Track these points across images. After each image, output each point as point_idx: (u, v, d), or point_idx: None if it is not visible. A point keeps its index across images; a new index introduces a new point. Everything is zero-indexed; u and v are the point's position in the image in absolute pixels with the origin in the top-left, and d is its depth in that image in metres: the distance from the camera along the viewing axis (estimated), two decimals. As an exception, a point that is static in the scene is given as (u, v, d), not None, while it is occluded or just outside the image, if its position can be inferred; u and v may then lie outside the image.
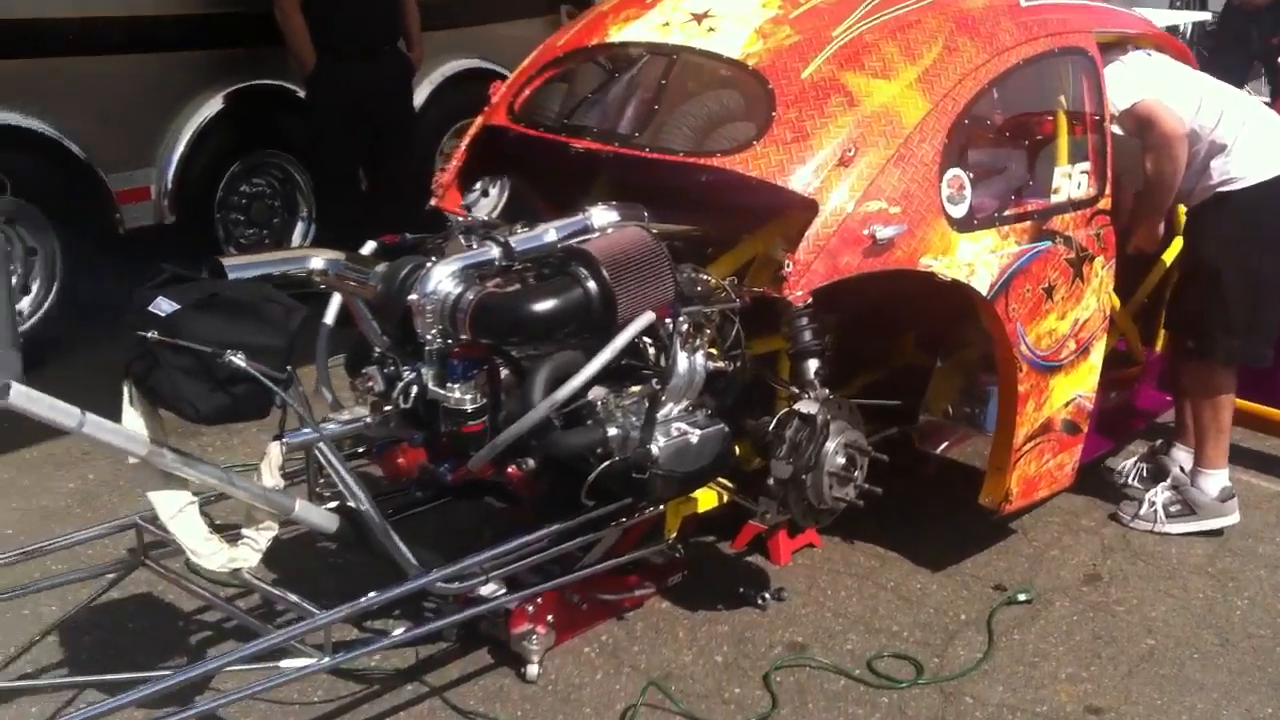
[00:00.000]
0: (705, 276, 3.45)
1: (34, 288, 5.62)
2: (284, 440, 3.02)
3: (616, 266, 3.20)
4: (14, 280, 5.40)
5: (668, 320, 3.31)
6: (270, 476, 3.02)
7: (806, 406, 3.42)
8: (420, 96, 6.74)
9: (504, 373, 3.27)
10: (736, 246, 3.70)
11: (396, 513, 3.56)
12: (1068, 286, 3.88)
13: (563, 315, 3.15)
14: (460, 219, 3.80)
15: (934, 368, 4.19)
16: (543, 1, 7.65)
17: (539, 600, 3.46)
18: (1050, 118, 3.89)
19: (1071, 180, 3.93)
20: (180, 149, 5.95)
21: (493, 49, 7.23)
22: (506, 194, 6.75)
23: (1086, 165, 3.98)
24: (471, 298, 3.13)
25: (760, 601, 3.84)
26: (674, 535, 3.66)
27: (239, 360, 2.74)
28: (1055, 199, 3.90)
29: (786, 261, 3.32)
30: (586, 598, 3.63)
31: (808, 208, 3.39)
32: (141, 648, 3.52)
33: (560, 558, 3.44)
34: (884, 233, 3.38)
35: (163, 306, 2.80)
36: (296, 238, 6.53)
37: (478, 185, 4.28)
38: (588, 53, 4.04)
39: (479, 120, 4.14)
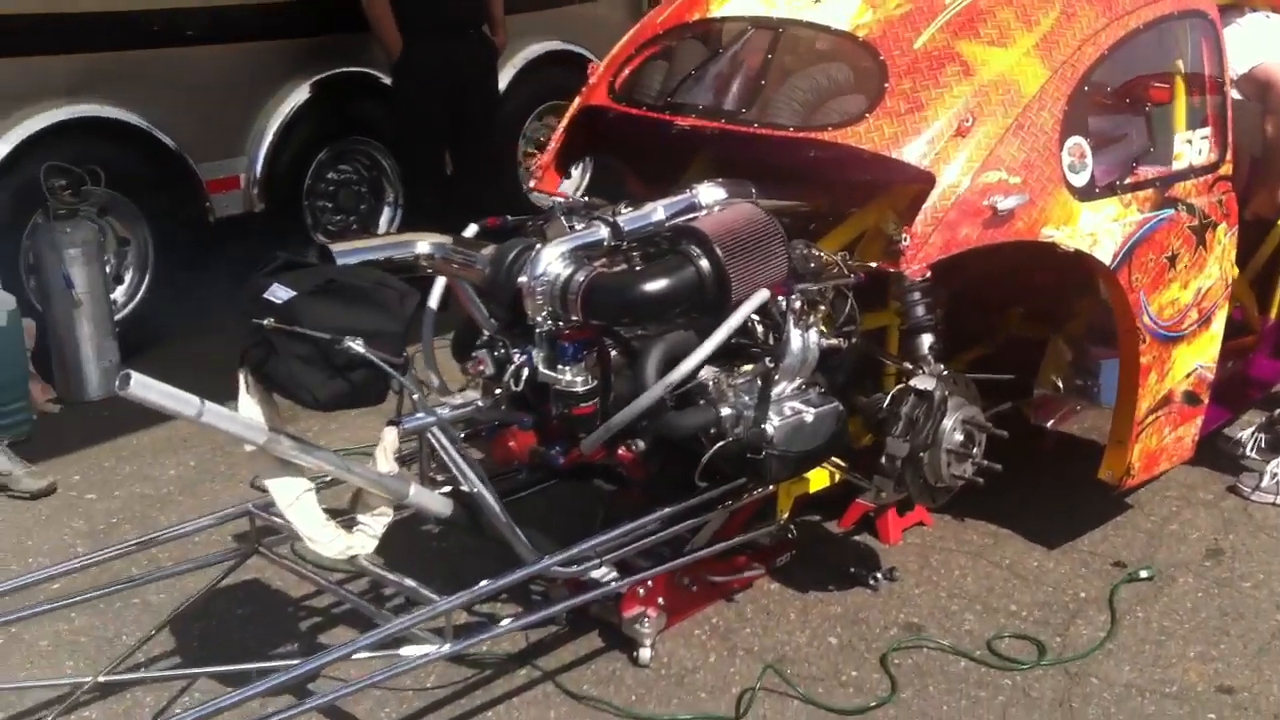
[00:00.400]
0: (818, 252, 3.37)
1: (127, 277, 5.70)
2: (400, 425, 2.99)
3: (729, 244, 3.14)
4: (108, 270, 5.46)
5: (781, 298, 3.25)
6: (386, 462, 3.00)
7: (923, 382, 3.35)
8: (503, 80, 6.73)
9: (615, 354, 3.22)
10: (846, 221, 3.61)
11: (505, 495, 3.48)
12: (1190, 255, 3.76)
13: (675, 295, 3.10)
14: (561, 200, 3.73)
15: (1046, 340, 4.08)
16: (625, -18, 7.60)
17: (649, 583, 3.43)
18: (1170, 82, 3.75)
19: (1193, 146, 3.80)
20: (269, 138, 6.00)
21: (574, 31, 7.20)
22: (589, 174, 6.71)
23: (1207, 130, 3.86)
24: (582, 279, 3.08)
25: (872, 582, 3.78)
26: (786, 516, 3.61)
27: (357, 346, 2.71)
28: (1177, 166, 3.78)
29: (903, 235, 3.24)
30: (696, 579, 3.58)
31: (923, 180, 3.31)
32: (255, 636, 3.53)
33: (670, 540, 3.39)
34: (1005, 203, 3.28)
35: (278, 294, 2.77)
36: (383, 224, 6.55)
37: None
38: (689, 29, 3.97)
39: (577, 101, 4.07)
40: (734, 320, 3.13)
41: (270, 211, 6.05)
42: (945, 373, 3.45)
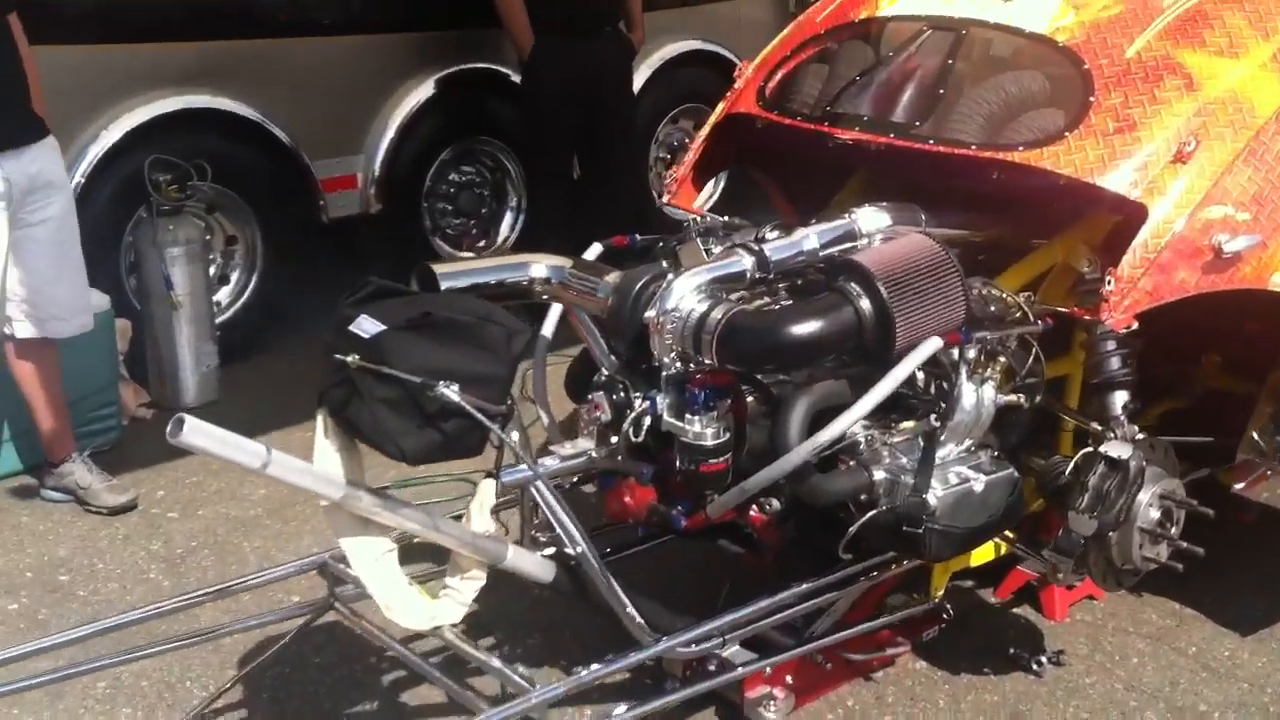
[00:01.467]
0: (999, 293, 2.90)
1: (233, 278, 5.46)
2: (499, 479, 2.58)
3: (895, 282, 2.69)
4: (213, 270, 5.24)
5: (954, 346, 2.79)
6: (481, 519, 2.59)
7: (1116, 449, 2.89)
8: (637, 80, 6.40)
9: (752, 404, 2.82)
10: (1028, 256, 3.15)
11: (614, 551, 3.17)
12: None
13: (829, 340, 2.67)
14: (698, 219, 3.31)
15: (1248, 395, 3.53)
16: (770, -21, 7.22)
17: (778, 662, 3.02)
18: None
19: None
20: (389, 136, 5.75)
21: (714, 29, 6.88)
22: (721, 187, 6.27)
23: None
24: (720, 317, 2.67)
25: (1035, 666, 3.31)
26: (940, 593, 3.20)
27: (452, 394, 2.29)
28: None
29: (1107, 278, 2.77)
30: (831, 655, 3.17)
31: (1131, 212, 2.85)
32: (329, 696, 3.17)
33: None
34: (1231, 244, 2.82)
35: (365, 327, 2.38)
36: (504, 228, 6.29)
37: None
38: (853, 29, 3.53)
39: (721, 107, 3.67)
40: (899, 373, 2.69)
41: (387, 213, 5.81)
42: (1141, 437, 3.01)
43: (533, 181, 6.15)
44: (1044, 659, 3.32)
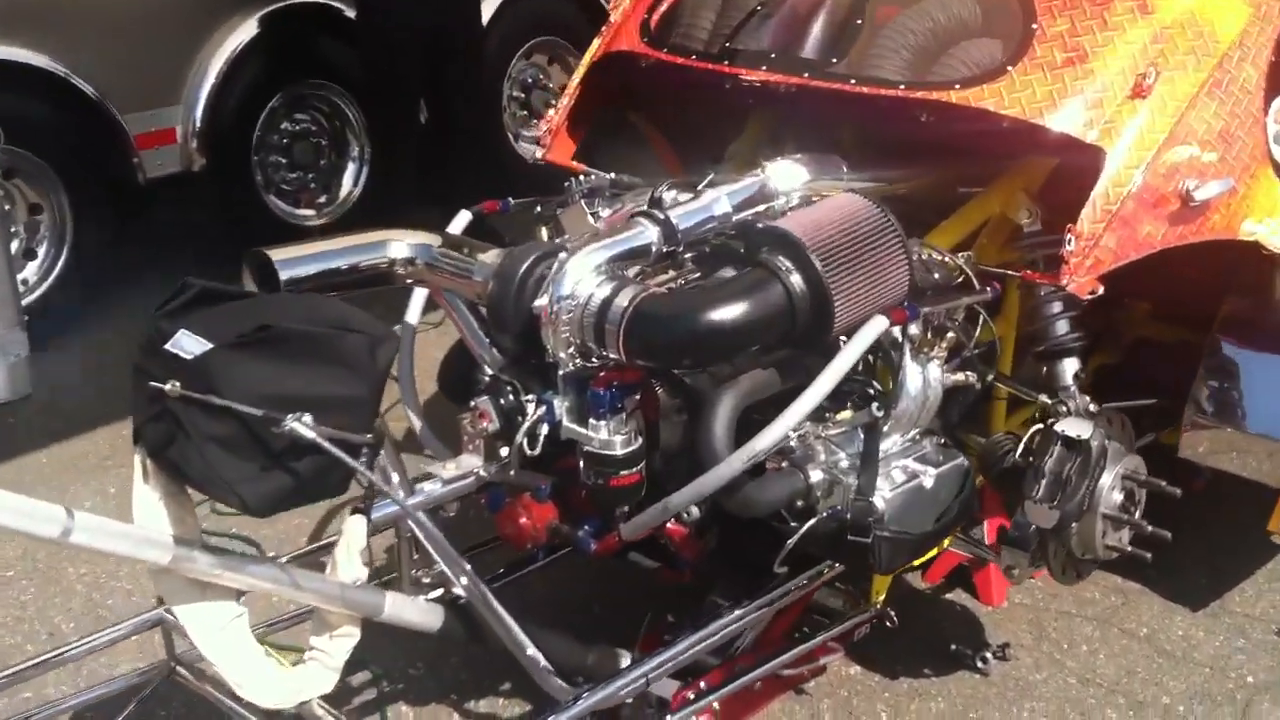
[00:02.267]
0: (940, 257, 2.54)
1: (40, 252, 4.97)
2: (368, 514, 2.13)
3: (829, 252, 2.30)
4: (15, 245, 4.71)
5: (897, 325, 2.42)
6: (351, 566, 2.13)
7: (1075, 427, 2.56)
8: (486, 10, 5.92)
9: (664, 397, 2.41)
10: (960, 209, 2.80)
11: (508, 571, 2.79)
12: None
13: (756, 327, 2.27)
14: (580, 178, 2.86)
15: (1180, 344, 3.26)
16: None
17: (702, 684, 2.65)
18: None
19: None
20: (210, 82, 5.25)
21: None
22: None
23: None
24: (625, 304, 2.25)
25: (980, 664, 3.04)
26: (882, 597, 2.87)
27: (304, 427, 1.81)
28: None
29: (1068, 237, 2.42)
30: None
31: (1085, 157, 2.50)
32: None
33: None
34: (1202, 191, 2.50)
35: (186, 345, 1.88)
36: (348, 182, 5.79)
37: None
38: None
39: (597, 44, 3.22)
40: (842, 362, 2.31)
41: (213, 169, 5.31)
42: (1094, 409, 2.71)
43: (376, 129, 5.70)
44: (989, 655, 3.06)
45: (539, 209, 2.81)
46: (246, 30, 5.28)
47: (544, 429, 2.35)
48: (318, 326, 1.96)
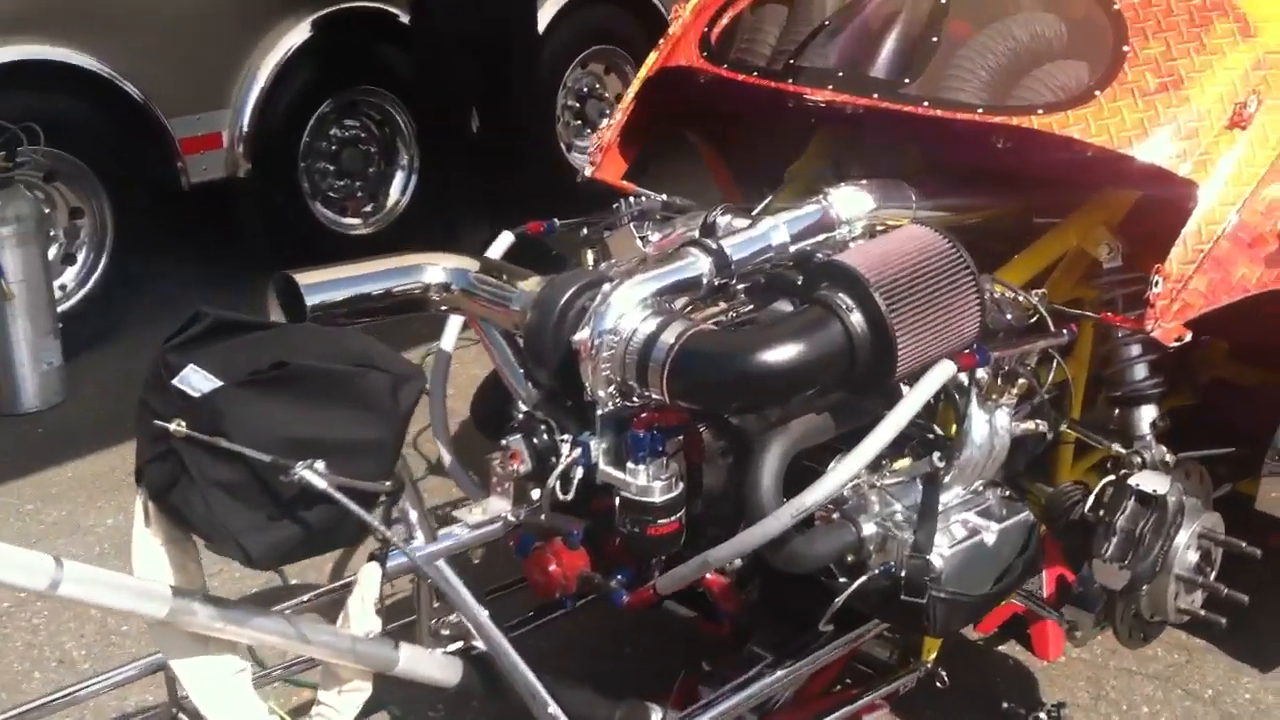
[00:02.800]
0: (1012, 295, 2.36)
1: (80, 257, 4.90)
2: (383, 562, 1.98)
3: (895, 289, 2.13)
4: (54, 250, 4.65)
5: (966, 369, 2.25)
6: (363, 618, 1.98)
7: (1151, 482, 2.39)
8: (542, 19, 5.84)
9: (711, 445, 2.26)
10: (1035, 242, 2.61)
11: (536, 615, 2.65)
12: None
13: (812, 368, 2.10)
14: (630, 199, 2.72)
15: (1260, 389, 3.07)
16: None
17: None
18: None
19: None
20: (259, 87, 5.18)
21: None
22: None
23: None
24: (672, 340, 2.09)
25: None
26: (934, 656, 2.67)
27: (316, 476, 1.67)
28: None
29: (1155, 279, 2.25)
30: None
31: (1176, 191, 2.32)
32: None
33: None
34: None
35: (195, 382, 1.75)
36: (395, 191, 5.70)
37: None
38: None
39: (654, 58, 3.06)
40: (904, 411, 2.14)
41: (259, 176, 5.24)
42: (1170, 459, 2.54)
43: (426, 136, 5.61)
44: (1043, 714, 2.84)
45: (585, 231, 2.67)
46: (299, 34, 5.23)
47: (579, 472, 2.20)
48: (337, 364, 1.82)
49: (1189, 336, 2.28)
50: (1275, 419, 2.88)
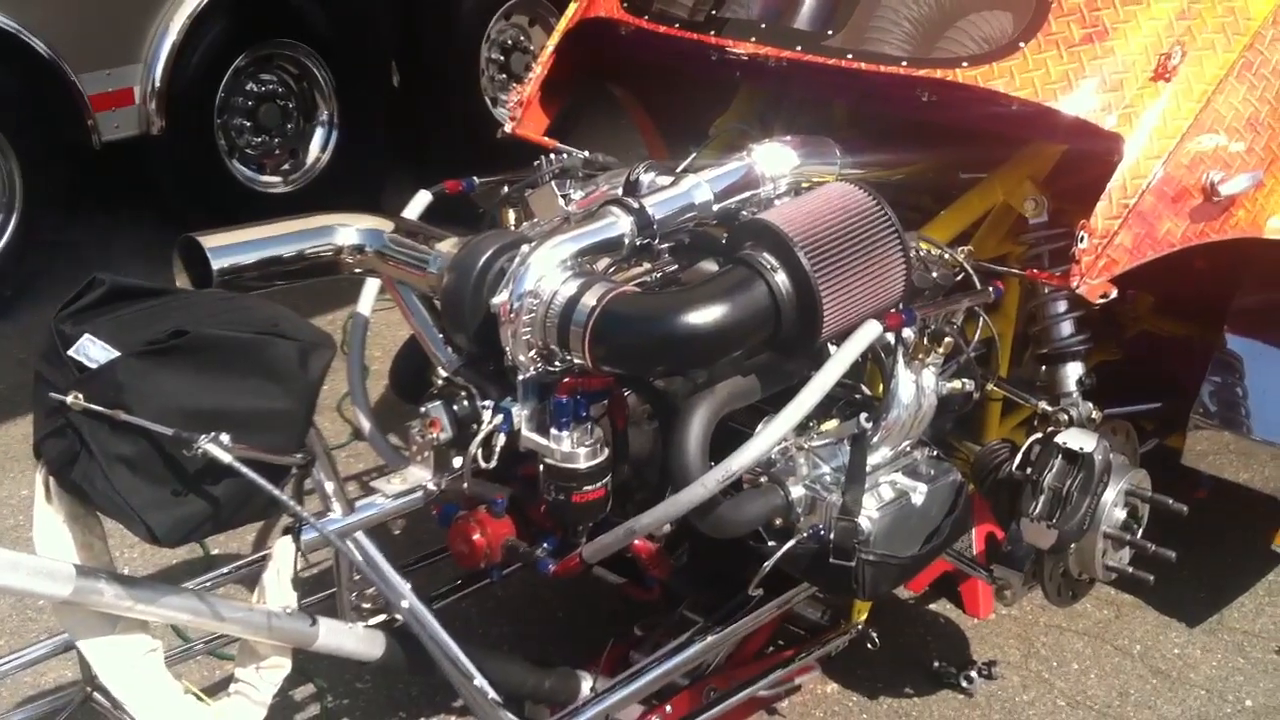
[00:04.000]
0: (938, 253, 2.32)
1: None
2: (299, 535, 1.91)
3: (820, 248, 2.09)
4: None
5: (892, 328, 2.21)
6: (279, 591, 1.92)
7: (1078, 440, 2.37)
8: None
9: (635, 409, 2.22)
10: (960, 198, 2.59)
11: (465, 583, 2.63)
12: None
13: (738, 331, 2.07)
14: (553, 156, 2.64)
15: (1192, 339, 3.07)
16: None
17: (668, 708, 2.51)
18: None
19: None
20: (171, 40, 4.96)
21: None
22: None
23: None
24: (594, 303, 2.04)
25: (965, 683, 2.89)
26: (864, 617, 2.71)
27: (221, 449, 1.60)
28: None
29: (1080, 234, 2.22)
30: (727, 690, 2.63)
31: (1102, 144, 2.29)
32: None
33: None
34: (1229, 185, 2.30)
35: (91, 353, 1.67)
36: (315, 148, 5.52)
37: None
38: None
39: (574, 9, 2.99)
40: (830, 373, 2.11)
41: (173, 133, 5.02)
42: (1097, 415, 2.53)
43: (345, 91, 5.45)
44: (974, 673, 2.92)
45: (505, 189, 2.60)
46: (212, -16, 5.05)
47: (501, 439, 2.14)
48: (242, 331, 1.74)
49: (1114, 293, 2.26)
50: (1201, 372, 2.89)
